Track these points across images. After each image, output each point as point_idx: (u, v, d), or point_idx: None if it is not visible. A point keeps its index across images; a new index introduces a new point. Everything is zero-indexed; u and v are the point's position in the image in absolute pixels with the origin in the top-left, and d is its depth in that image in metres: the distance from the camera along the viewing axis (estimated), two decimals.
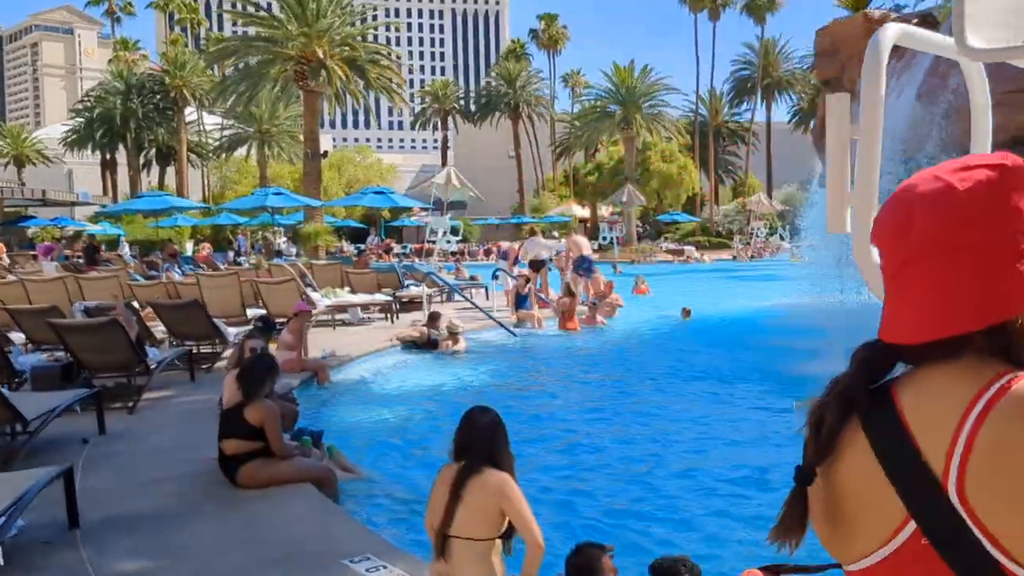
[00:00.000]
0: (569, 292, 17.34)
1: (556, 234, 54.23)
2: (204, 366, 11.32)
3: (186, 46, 73.81)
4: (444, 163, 77.04)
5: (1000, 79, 8.19)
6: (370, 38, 39.57)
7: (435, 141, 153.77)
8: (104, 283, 15.37)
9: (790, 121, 75.65)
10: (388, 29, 60.64)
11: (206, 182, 71.18)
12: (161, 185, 68.50)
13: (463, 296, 18.75)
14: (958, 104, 9.42)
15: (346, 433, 8.66)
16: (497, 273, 20.94)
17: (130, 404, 8.99)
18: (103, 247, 33.43)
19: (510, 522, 3.96)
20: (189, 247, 43.08)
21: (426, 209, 42.25)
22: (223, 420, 6.35)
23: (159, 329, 12.58)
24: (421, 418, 9.85)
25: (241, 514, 5.69)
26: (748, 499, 6.71)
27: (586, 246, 19.93)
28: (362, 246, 42.98)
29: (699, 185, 64.82)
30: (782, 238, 58.24)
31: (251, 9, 38.08)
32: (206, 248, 42.26)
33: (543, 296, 19.35)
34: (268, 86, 35.96)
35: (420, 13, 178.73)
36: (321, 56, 33.48)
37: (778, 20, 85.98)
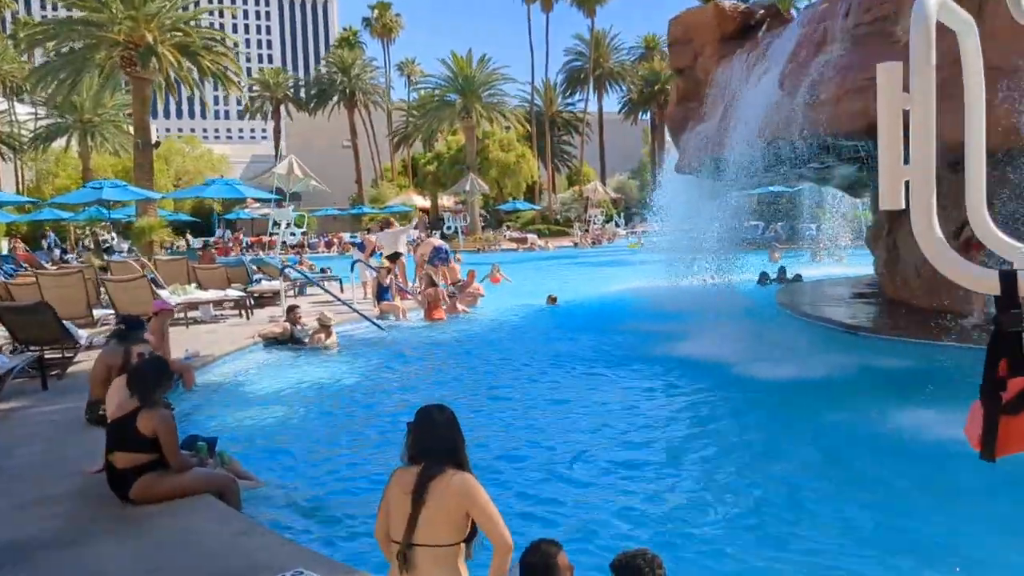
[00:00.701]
0: (432, 282, 17.14)
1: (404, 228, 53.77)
2: (54, 372, 10.45)
3: None
4: (277, 153, 74.76)
5: (863, 68, 8.56)
6: (202, 23, 37.62)
7: (264, 131, 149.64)
8: None
9: (620, 111, 77.86)
10: (213, 15, 57.91)
11: (19, 176, 66.11)
12: None
13: (325, 290, 18.18)
14: (819, 90, 9.88)
15: (224, 437, 8.18)
16: (355, 265, 20.46)
17: None
18: None
19: (474, 524, 3.78)
20: (5, 245, 40.02)
21: (269, 201, 40.97)
22: (111, 431, 5.83)
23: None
24: (302, 418, 9.47)
25: (143, 533, 5.22)
26: (640, 478, 6.85)
27: (437, 244, 19.88)
28: (210, 240, 41.25)
29: (537, 174, 65.79)
30: (617, 225, 60.07)
31: None
32: (19, 245, 39.41)
33: (404, 287, 19.07)
34: (92, 73, 33.58)
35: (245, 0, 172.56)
36: (151, 41, 31.60)
37: (608, 12, 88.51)
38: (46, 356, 10.36)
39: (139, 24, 31.59)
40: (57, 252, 35.26)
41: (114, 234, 40.41)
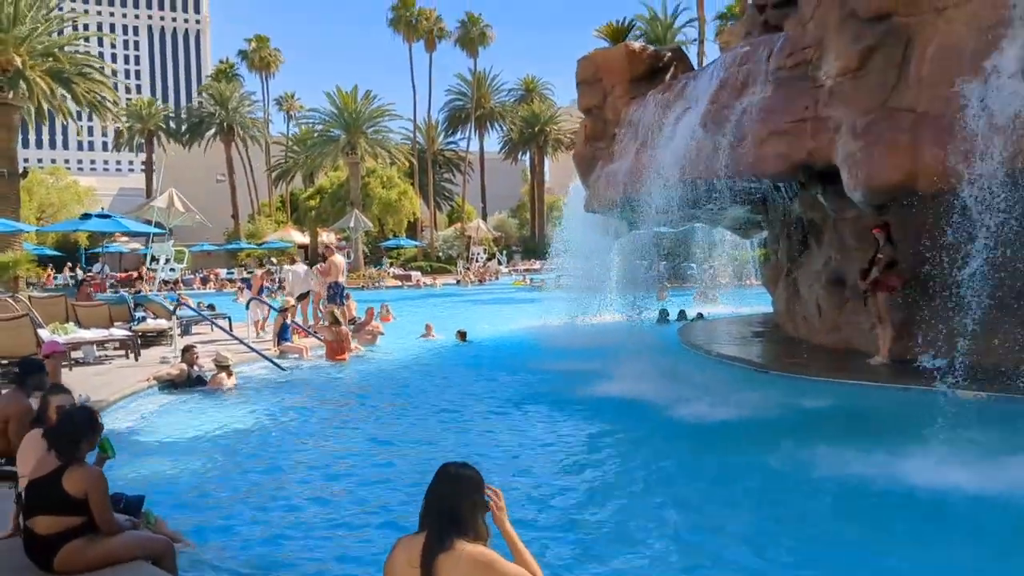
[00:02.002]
0: (335, 320, 16.58)
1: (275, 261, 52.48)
2: None
3: None
4: (149, 186, 72.06)
5: (786, 111, 8.77)
6: (76, 49, 35.88)
7: (131, 164, 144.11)
8: None
9: (501, 151, 78.66)
10: (88, 42, 55.47)
11: None
12: None
13: (224, 330, 17.37)
14: (743, 131, 10.03)
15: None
16: (250, 303, 19.68)
17: None
18: None
19: None
20: None
21: (142, 235, 39.19)
22: (32, 492, 5.19)
23: None
24: (217, 467, 8.85)
25: None
26: (559, 519, 6.65)
27: (344, 268, 19.25)
28: (85, 273, 39.12)
29: (419, 211, 65.56)
30: (500, 263, 60.37)
31: None
32: None
33: (306, 328, 18.43)
34: None
35: (113, 28, 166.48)
36: (19, 65, 29.87)
37: (489, 54, 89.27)
38: None
39: (8, 47, 29.84)
40: None
41: None
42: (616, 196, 13.43)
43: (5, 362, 12.64)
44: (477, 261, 59.05)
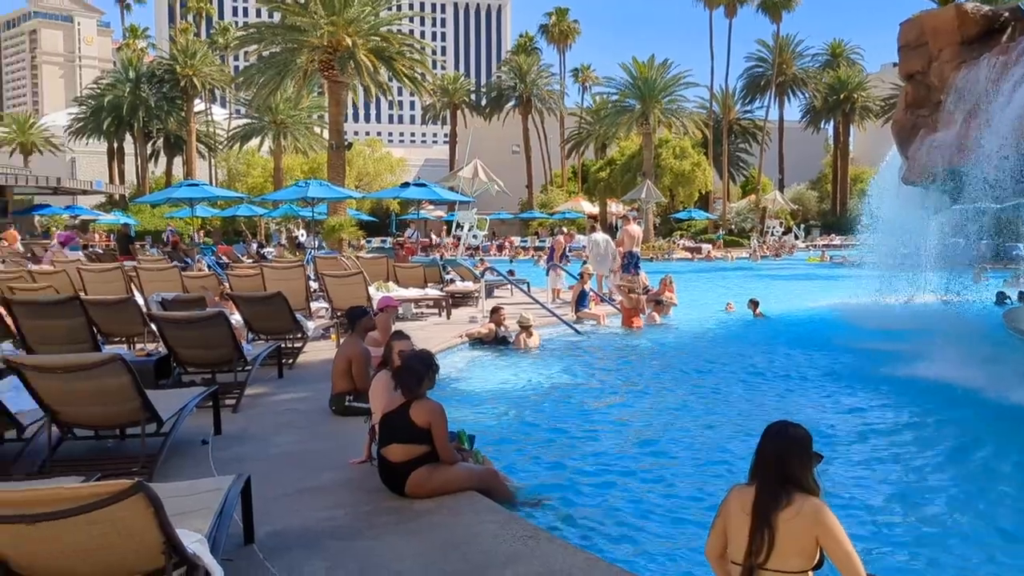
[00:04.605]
0: (631, 290, 16.86)
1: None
2: (288, 361, 10.84)
3: (196, 35, 73.10)
4: (452, 157, 76.53)
5: None
6: (394, 28, 38.82)
7: (435, 136, 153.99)
8: (164, 274, 14.86)
9: (801, 120, 75.30)
10: (412, 22, 60.00)
11: (213, 173, 70.54)
12: (169, 175, 67.88)
13: (527, 293, 18.27)
14: None
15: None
16: (549, 270, 20.48)
17: (231, 402, 8.51)
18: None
19: (822, 553, 3.51)
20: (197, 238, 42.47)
21: (443, 203, 41.92)
22: (384, 425, 5.88)
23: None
24: (524, 418, 9.42)
25: (426, 530, 5.19)
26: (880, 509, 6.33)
27: (639, 238, 19.47)
28: (395, 239, 42.53)
29: (711, 182, 64.38)
30: (796, 237, 57.98)
31: None
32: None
33: (602, 295, 18.93)
34: (293, 76, 35.26)
35: (423, 7, 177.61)
36: (349, 45, 32.85)
37: (793, 18, 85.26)
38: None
39: (339, 29, 32.90)
40: (254, 246, 37.09)
41: (303, 231, 42.31)
42: (939, 167, 12.48)
43: (340, 314, 14.18)
44: (772, 235, 57.18)
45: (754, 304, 17.66)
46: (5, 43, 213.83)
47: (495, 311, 14.55)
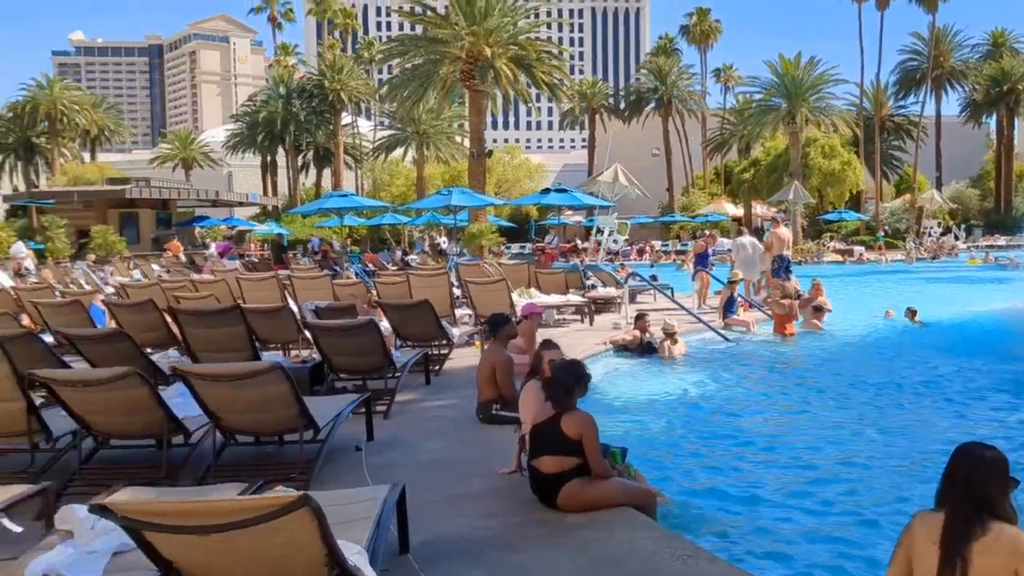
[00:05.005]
0: (786, 294, 16.27)
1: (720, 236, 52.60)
2: (434, 368, 10.97)
3: (343, 50, 75.73)
4: (591, 162, 76.34)
5: None
6: (532, 36, 39.07)
7: (572, 141, 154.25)
8: (316, 282, 15.36)
9: (960, 114, 71.25)
10: (549, 28, 60.65)
11: (359, 183, 72.86)
12: (318, 186, 70.55)
13: (670, 298, 17.94)
14: None
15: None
16: (695, 275, 20.05)
17: (382, 408, 8.65)
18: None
19: None
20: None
21: (582, 208, 41.81)
22: (536, 435, 5.80)
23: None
24: (673, 428, 9.22)
25: (583, 546, 5.06)
26: None
27: (789, 241, 18.80)
28: (535, 244, 42.83)
29: (863, 182, 61.73)
30: (956, 238, 54.86)
31: (419, 10, 38.28)
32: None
33: (750, 300, 18.38)
34: (435, 87, 36.01)
35: (561, 13, 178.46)
36: (489, 55, 33.27)
37: (950, 8, 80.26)
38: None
39: (479, 39, 33.37)
40: (399, 254, 38.05)
41: (445, 238, 43.11)
42: None
43: (483, 320, 14.29)
44: (930, 235, 54.29)
45: (912, 313, 16.70)
46: (168, 64, 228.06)
47: (639, 317, 14.31)
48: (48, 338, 10.78)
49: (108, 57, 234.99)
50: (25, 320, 13.53)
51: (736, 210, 62.55)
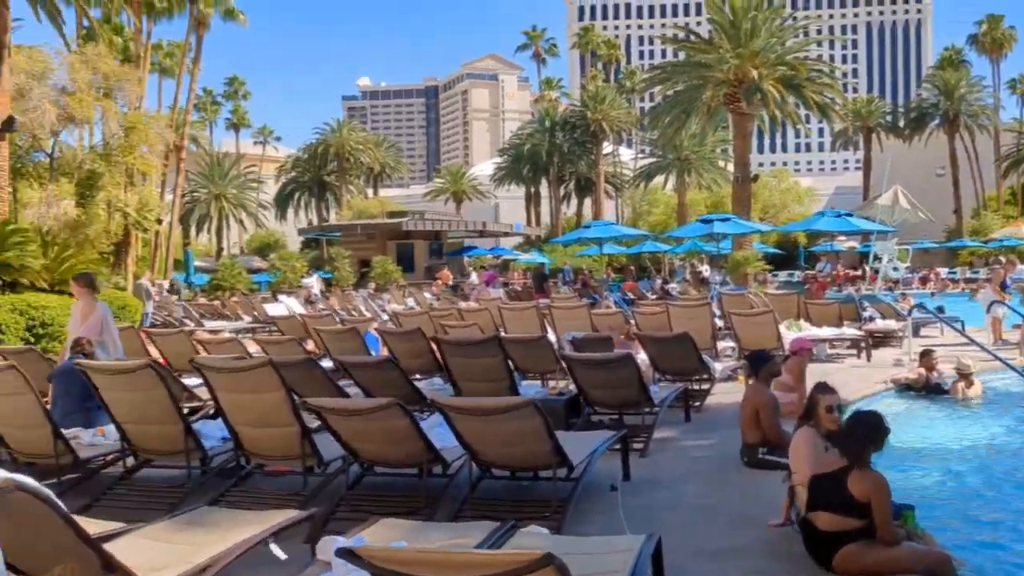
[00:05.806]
0: None
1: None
2: (695, 404, 10.48)
3: (605, 81, 76.84)
4: (866, 183, 71.93)
5: None
6: (802, 55, 37.47)
7: (845, 162, 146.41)
8: (574, 312, 15.35)
9: None
10: (820, 46, 58.12)
11: (619, 212, 73.29)
12: (579, 216, 71.71)
13: (960, 332, 16.22)
14: None
15: None
16: (992, 305, 18.04)
17: (639, 446, 8.31)
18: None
19: None
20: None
21: (857, 233, 39.28)
22: (815, 487, 5.23)
23: None
24: (969, 484, 8.10)
25: None
26: None
27: None
28: (805, 272, 41.02)
29: None
30: None
31: (683, 36, 38.00)
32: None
33: None
34: (697, 113, 35.44)
35: (832, 30, 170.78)
36: (755, 77, 32.25)
37: None
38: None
39: (744, 61, 32.43)
40: (659, 282, 37.58)
41: (707, 266, 42.09)
42: None
43: (746, 354, 13.56)
44: None
45: None
46: (443, 104, 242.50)
47: (925, 354, 12.96)
48: (327, 363, 11.42)
49: (390, 100, 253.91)
50: (310, 345, 14.50)
51: None
